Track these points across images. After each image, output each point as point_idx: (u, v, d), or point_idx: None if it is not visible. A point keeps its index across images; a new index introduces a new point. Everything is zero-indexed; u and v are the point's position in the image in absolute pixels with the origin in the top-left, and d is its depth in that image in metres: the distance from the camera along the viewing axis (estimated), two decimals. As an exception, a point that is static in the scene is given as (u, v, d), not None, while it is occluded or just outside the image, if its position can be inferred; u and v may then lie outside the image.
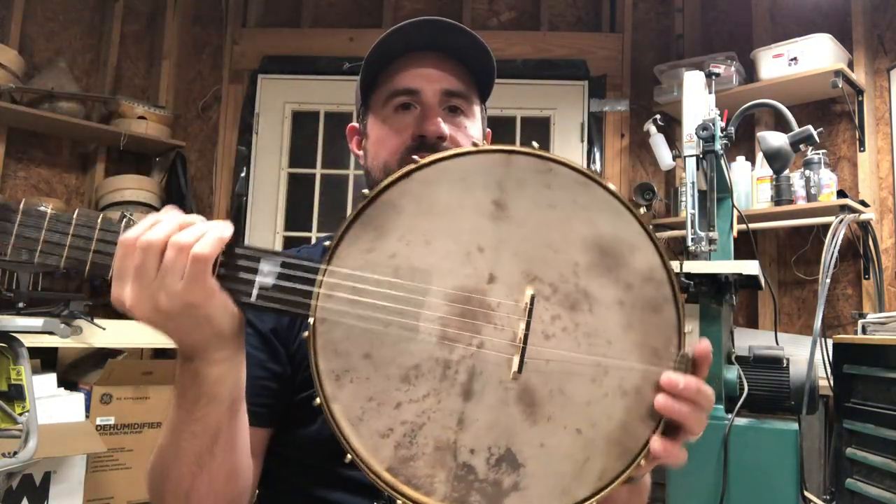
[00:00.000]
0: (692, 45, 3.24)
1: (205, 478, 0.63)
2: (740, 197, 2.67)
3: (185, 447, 0.62)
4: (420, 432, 0.55)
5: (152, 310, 0.56)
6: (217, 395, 0.60)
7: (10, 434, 1.72)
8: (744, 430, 1.76)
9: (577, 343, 0.56)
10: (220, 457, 0.63)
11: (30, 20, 3.03)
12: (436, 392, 0.56)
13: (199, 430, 0.61)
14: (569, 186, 0.58)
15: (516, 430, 0.56)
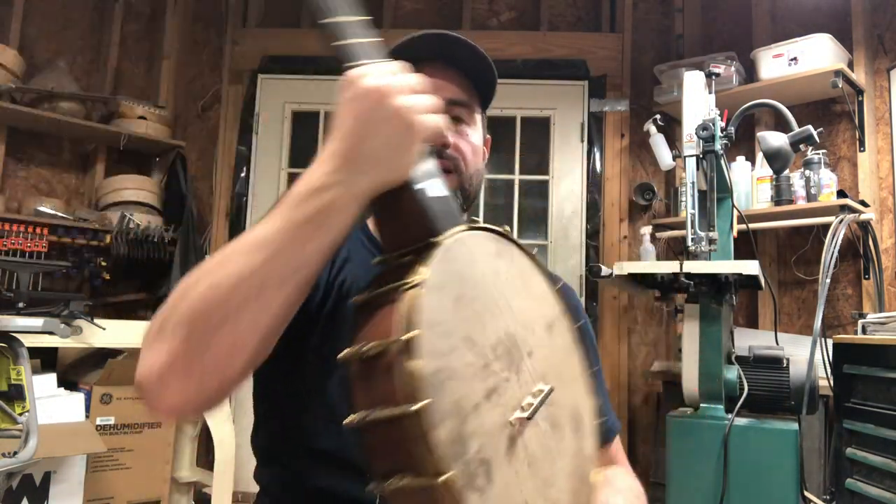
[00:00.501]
0: (692, 45, 3.24)
1: (256, 307, 0.57)
2: (740, 197, 2.67)
3: (258, 266, 0.57)
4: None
5: (389, 101, 0.57)
6: (331, 228, 0.58)
7: (10, 434, 1.72)
8: (744, 430, 1.76)
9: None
10: (285, 292, 0.58)
11: (30, 20, 3.03)
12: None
13: (288, 251, 0.57)
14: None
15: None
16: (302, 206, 0.58)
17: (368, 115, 0.57)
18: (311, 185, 0.59)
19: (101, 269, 2.84)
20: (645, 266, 2.18)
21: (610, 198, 3.22)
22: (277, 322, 0.60)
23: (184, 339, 0.58)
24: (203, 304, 0.57)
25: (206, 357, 0.57)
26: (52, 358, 2.58)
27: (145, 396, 0.60)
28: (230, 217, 3.25)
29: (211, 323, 0.57)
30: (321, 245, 0.58)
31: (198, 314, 0.57)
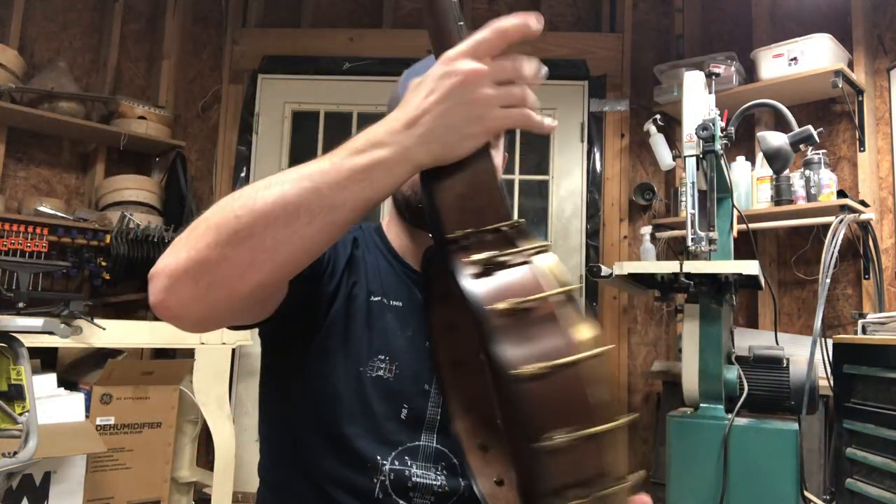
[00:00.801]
0: (692, 45, 3.24)
1: (284, 233, 0.58)
2: (740, 197, 2.67)
3: (296, 197, 0.58)
4: None
5: (472, 88, 0.57)
6: (372, 181, 0.58)
7: (10, 434, 1.72)
8: (744, 430, 1.76)
9: None
10: (314, 228, 0.59)
11: (30, 20, 3.03)
12: None
13: (326, 191, 0.58)
14: None
15: None
16: (354, 156, 0.59)
17: (449, 95, 0.57)
18: (369, 139, 0.59)
19: (101, 269, 2.84)
20: (645, 266, 2.18)
21: (610, 198, 3.22)
22: (295, 256, 0.61)
23: (206, 245, 0.59)
24: (233, 217, 0.59)
25: (221, 267, 0.59)
26: (52, 358, 2.58)
27: (152, 291, 0.62)
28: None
29: (237, 235, 0.58)
30: (360, 196, 0.59)
31: (225, 225, 0.59)
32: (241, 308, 0.64)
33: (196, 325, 0.65)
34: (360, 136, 0.60)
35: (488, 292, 0.51)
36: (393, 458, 0.82)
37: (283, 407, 0.88)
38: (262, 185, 0.61)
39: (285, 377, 0.87)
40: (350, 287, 0.87)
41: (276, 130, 3.34)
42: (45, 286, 2.81)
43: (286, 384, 0.87)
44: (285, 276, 0.64)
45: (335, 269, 0.86)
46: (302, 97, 3.37)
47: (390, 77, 3.18)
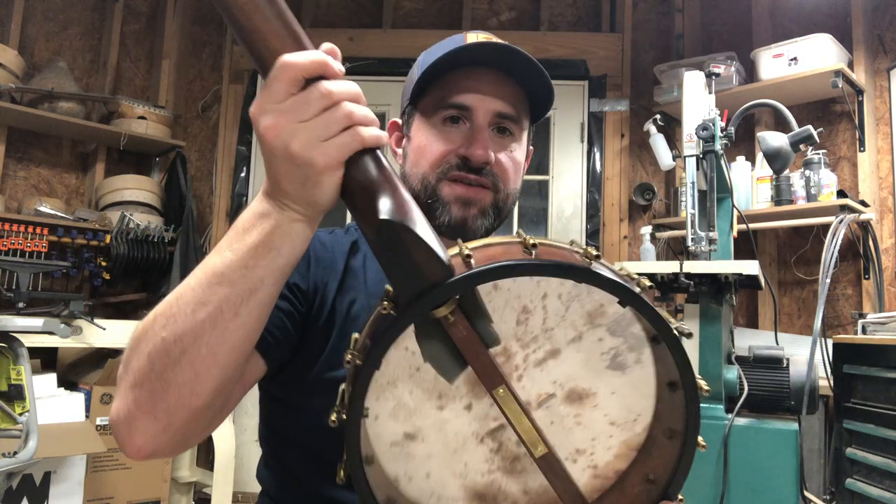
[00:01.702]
0: (692, 45, 3.24)
1: (213, 337, 0.57)
2: (740, 197, 2.67)
3: (211, 297, 0.57)
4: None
5: (280, 144, 0.53)
6: (278, 252, 0.57)
7: (10, 434, 1.72)
8: (744, 430, 1.76)
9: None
10: (241, 319, 0.58)
11: (30, 20, 3.03)
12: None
13: (238, 279, 0.57)
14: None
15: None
16: (248, 233, 0.58)
17: (269, 159, 0.55)
18: (253, 211, 0.59)
19: (100, 269, 2.84)
20: (645, 266, 2.18)
21: (610, 198, 3.22)
22: (237, 349, 0.60)
23: (146, 378, 0.58)
24: (160, 341, 0.58)
25: (169, 393, 0.58)
26: (52, 358, 2.59)
27: (120, 443, 0.61)
28: (230, 217, 3.25)
29: (170, 359, 0.57)
30: (271, 267, 0.57)
31: (156, 352, 0.58)
32: (211, 418, 0.63)
33: (175, 451, 0.64)
34: (245, 213, 0.59)
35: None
36: None
37: (287, 435, 0.85)
38: (173, 298, 0.59)
39: (284, 412, 0.85)
40: (347, 308, 0.83)
41: (276, 130, 3.34)
42: (45, 286, 2.81)
43: (287, 417, 0.85)
44: (237, 369, 0.62)
45: (325, 299, 0.83)
46: (302, 97, 3.37)
47: (390, 77, 3.21)
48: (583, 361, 0.57)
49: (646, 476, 0.61)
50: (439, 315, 0.51)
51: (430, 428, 0.58)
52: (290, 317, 0.79)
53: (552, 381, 0.57)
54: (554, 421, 0.58)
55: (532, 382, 0.57)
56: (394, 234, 0.51)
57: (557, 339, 0.56)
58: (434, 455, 0.59)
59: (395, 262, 0.51)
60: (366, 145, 0.54)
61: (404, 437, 0.58)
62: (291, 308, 0.79)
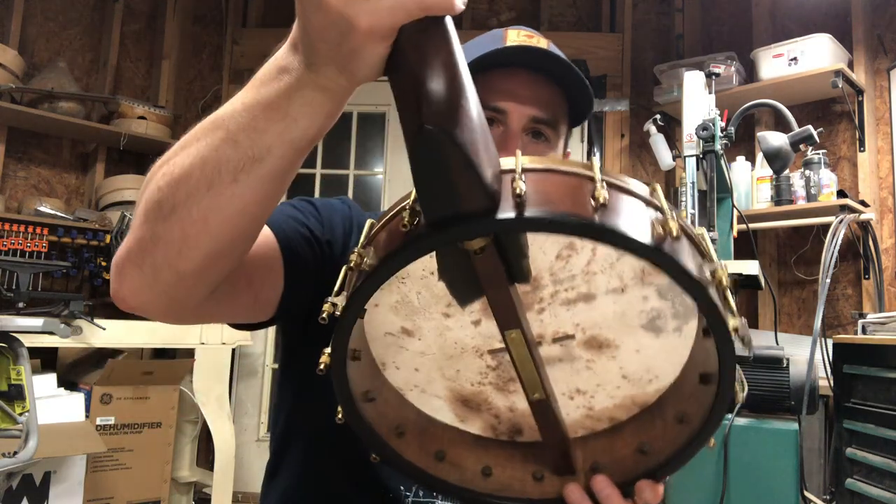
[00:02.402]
0: (692, 45, 3.24)
1: (208, 199, 0.50)
2: (740, 197, 2.67)
3: (212, 153, 0.50)
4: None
5: None
6: (293, 118, 0.48)
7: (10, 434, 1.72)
8: (744, 430, 1.76)
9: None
10: (240, 188, 0.50)
11: (30, 20, 3.03)
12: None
13: (243, 139, 0.48)
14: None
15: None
16: (264, 87, 0.48)
17: (301, 3, 0.44)
18: (276, 62, 0.48)
19: (101, 269, 2.84)
20: (645, 266, 2.18)
21: (610, 198, 3.22)
22: (231, 221, 0.52)
23: (138, 225, 0.54)
24: (156, 190, 0.52)
25: (157, 247, 0.53)
26: (52, 358, 2.59)
27: (111, 285, 0.58)
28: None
29: (162, 211, 0.52)
30: (285, 138, 0.48)
31: (150, 200, 0.53)
32: (202, 292, 0.57)
33: (161, 313, 0.59)
34: (266, 63, 0.49)
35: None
36: (417, 490, 0.78)
37: (303, 431, 0.83)
38: (180, 144, 0.53)
39: (307, 401, 0.81)
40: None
41: (276, 130, 3.34)
42: (45, 286, 2.82)
43: (307, 408, 0.81)
44: (232, 246, 0.55)
45: (333, 258, 0.77)
46: (302, 97, 3.36)
47: (390, 77, 3.20)
48: (617, 314, 0.51)
49: (640, 444, 0.58)
50: (469, 247, 0.44)
51: (430, 330, 0.54)
52: (315, 259, 0.74)
53: (575, 324, 0.52)
54: (563, 359, 0.54)
55: (553, 318, 0.52)
56: (434, 146, 0.40)
57: (597, 285, 0.50)
58: (428, 354, 0.56)
59: (429, 176, 0.41)
60: (429, 12, 0.41)
61: (401, 331, 0.55)
62: (321, 255, 0.75)
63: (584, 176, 0.45)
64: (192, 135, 0.52)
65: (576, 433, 0.59)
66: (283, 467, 0.86)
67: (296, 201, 0.82)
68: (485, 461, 0.60)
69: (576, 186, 0.44)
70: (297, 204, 0.81)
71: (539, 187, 0.43)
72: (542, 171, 0.45)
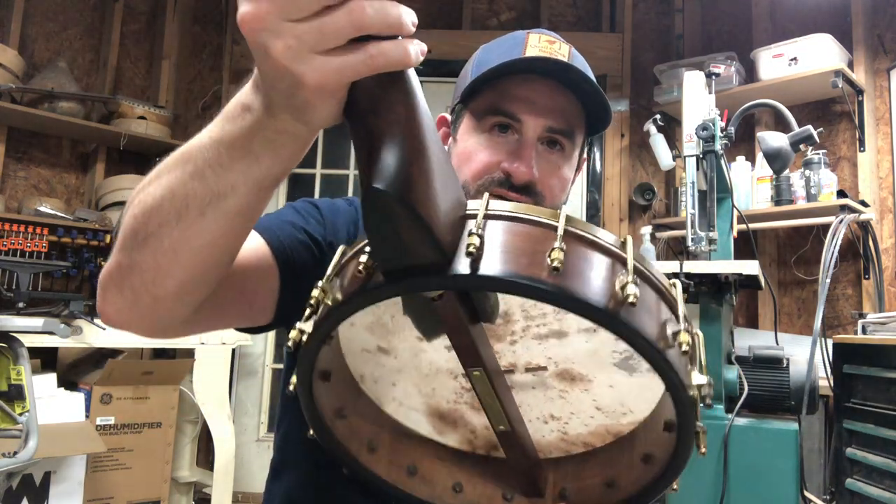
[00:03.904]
0: (692, 45, 3.24)
1: (177, 230, 0.51)
2: (740, 197, 2.67)
3: (181, 186, 0.51)
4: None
5: (259, 42, 0.42)
6: (256, 156, 0.48)
7: (10, 434, 1.72)
8: (744, 430, 1.76)
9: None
10: (207, 222, 0.51)
11: (30, 20, 3.03)
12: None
13: (209, 175, 0.49)
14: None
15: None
16: (229, 123, 0.48)
17: (252, 50, 0.44)
18: (239, 99, 0.48)
19: (100, 269, 2.83)
20: (645, 266, 2.18)
21: (610, 198, 3.22)
22: (200, 254, 0.53)
23: (118, 249, 0.56)
24: (132, 217, 0.54)
25: (133, 273, 0.55)
26: (52, 358, 2.59)
27: (97, 302, 0.59)
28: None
29: (136, 239, 0.54)
30: (248, 177, 0.49)
31: (127, 229, 0.55)
32: (183, 313, 0.58)
33: (148, 331, 0.60)
34: (233, 98, 0.49)
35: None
36: None
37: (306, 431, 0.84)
38: (156, 173, 0.54)
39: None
40: None
41: (276, 130, 3.34)
42: (45, 286, 2.82)
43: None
44: (203, 276, 0.56)
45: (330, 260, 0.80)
46: (302, 97, 3.36)
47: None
48: (589, 351, 0.50)
49: (607, 477, 0.57)
50: (429, 296, 0.44)
51: (405, 350, 0.54)
52: (316, 262, 0.75)
53: (547, 357, 0.52)
54: (536, 387, 0.54)
55: (525, 350, 0.51)
56: (381, 206, 0.39)
57: (569, 324, 0.49)
58: (404, 371, 0.56)
59: (377, 230, 0.40)
60: (381, 70, 0.40)
61: (377, 349, 0.55)
62: (320, 257, 0.76)
63: (548, 227, 0.43)
64: (165, 165, 0.53)
65: (550, 454, 0.60)
66: (288, 467, 0.86)
67: (299, 203, 0.82)
68: (457, 477, 0.60)
69: (537, 240, 0.42)
70: (300, 206, 0.81)
71: (498, 239, 0.42)
72: (506, 219, 0.43)
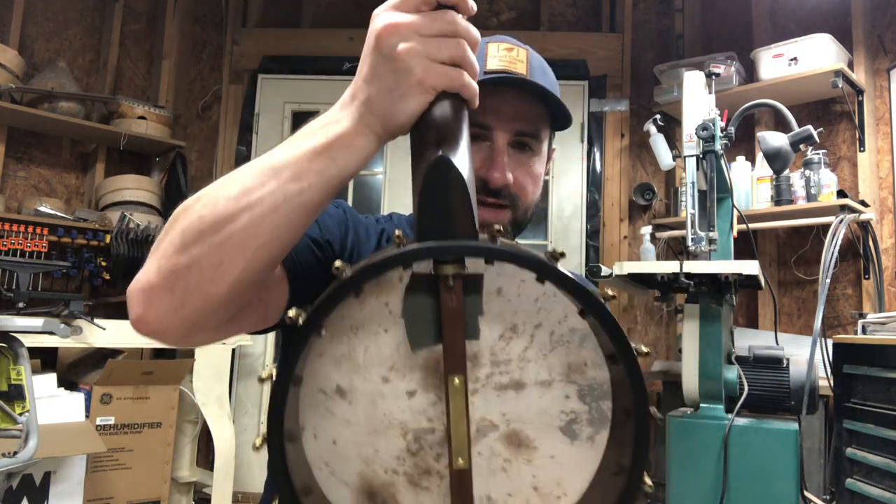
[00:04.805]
0: (692, 45, 3.24)
1: (249, 226, 0.56)
2: (740, 197, 2.67)
3: (257, 187, 0.57)
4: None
5: (392, 42, 0.54)
6: (333, 158, 0.56)
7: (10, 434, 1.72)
8: (744, 430, 1.76)
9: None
10: (279, 217, 0.57)
11: (30, 20, 3.03)
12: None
13: (286, 175, 0.57)
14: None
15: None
16: (310, 137, 0.58)
17: (371, 52, 0.56)
18: (320, 120, 0.59)
19: (101, 269, 2.84)
20: (645, 266, 2.18)
21: (610, 198, 3.22)
22: (266, 247, 0.58)
23: (174, 251, 0.58)
24: (197, 219, 0.58)
25: (192, 271, 0.57)
26: (52, 358, 2.59)
27: (130, 309, 0.60)
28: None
29: (203, 237, 0.57)
30: (323, 175, 0.57)
31: (190, 228, 0.58)
32: (223, 317, 0.61)
33: (180, 338, 0.62)
34: (308, 124, 0.59)
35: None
36: None
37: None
38: (219, 184, 0.59)
39: None
40: None
41: (276, 130, 3.34)
42: (45, 286, 2.81)
43: None
44: (260, 272, 0.60)
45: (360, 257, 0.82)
46: (302, 97, 3.37)
47: (390, 77, 3.20)
48: (540, 410, 0.54)
49: None
50: (443, 272, 0.49)
51: (363, 394, 0.54)
52: (320, 262, 0.78)
53: (502, 413, 0.54)
54: (482, 453, 0.54)
55: (484, 403, 0.54)
56: (445, 174, 0.52)
57: (528, 374, 0.54)
58: (353, 425, 0.55)
59: (432, 199, 0.51)
60: (462, 90, 0.55)
61: (335, 390, 0.55)
62: (323, 257, 0.78)
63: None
64: (231, 176, 0.59)
65: None
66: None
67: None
68: None
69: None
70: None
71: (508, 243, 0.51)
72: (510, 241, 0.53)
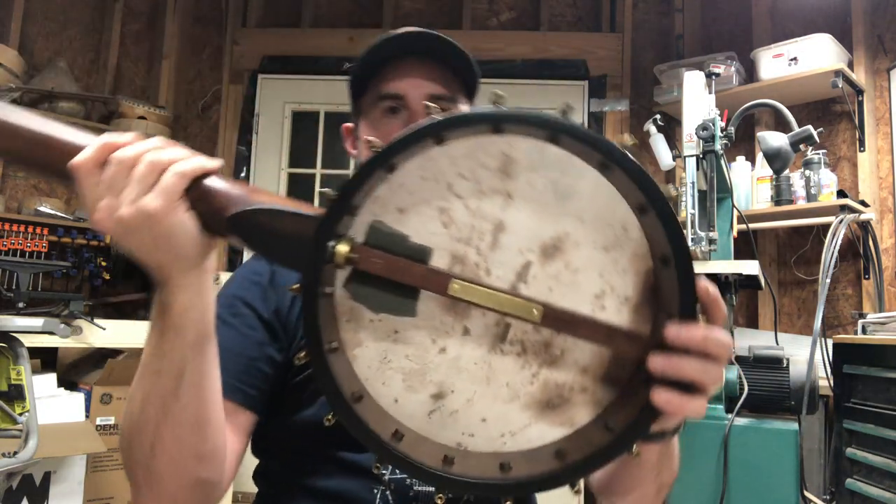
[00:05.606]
0: (692, 45, 3.24)
1: (169, 424, 0.61)
2: (740, 197, 2.67)
3: (150, 390, 0.61)
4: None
5: (114, 221, 0.54)
6: (182, 327, 0.59)
7: (10, 434, 1.72)
8: (744, 430, 1.76)
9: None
10: (184, 399, 0.61)
11: (30, 20, 3.03)
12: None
13: (164, 367, 0.60)
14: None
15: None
16: (153, 326, 0.61)
17: (122, 242, 0.56)
18: (153, 309, 0.62)
19: (101, 269, 2.84)
20: (645, 266, 2.18)
21: (610, 198, 3.22)
22: (198, 423, 0.63)
23: (131, 463, 0.65)
24: (130, 445, 0.64)
25: (153, 473, 0.63)
26: (52, 358, 2.58)
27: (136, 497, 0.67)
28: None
29: (143, 448, 0.63)
30: (187, 345, 0.60)
31: (133, 453, 0.64)
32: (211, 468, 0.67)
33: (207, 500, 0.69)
34: (151, 313, 0.63)
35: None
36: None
37: (276, 424, 0.84)
38: (129, 397, 0.64)
39: (277, 412, 0.85)
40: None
41: (276, 130, 3.34)
42: (45, 286, 2.81)
43: (279, 417, 0.85)
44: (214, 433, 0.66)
45: (289, 318, 0.83)
46: (302, 97, 3.37)
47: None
48: (530, 213, 0.51)
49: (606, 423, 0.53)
50: (341, 256, 0.49)
51: (447, 376, 0.53)
52: (267, 360, 0.80)
53: (517, 251, 0.52)
54: (552, 286, 0.52)
55: (500, 266, 0.52)
56: (243, 221, 0.53)
57: (491, 214, 0.51)
58: (473, 398, 0.53)
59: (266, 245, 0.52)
60: (188, 177, 0.57)
61: (433, 400, 0.53)
62: (266, 349, 0.80)
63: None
64: (133, 385, 0.64)
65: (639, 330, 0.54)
66: (267, 448, 0.88)
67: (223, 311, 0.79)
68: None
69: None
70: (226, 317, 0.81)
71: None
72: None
